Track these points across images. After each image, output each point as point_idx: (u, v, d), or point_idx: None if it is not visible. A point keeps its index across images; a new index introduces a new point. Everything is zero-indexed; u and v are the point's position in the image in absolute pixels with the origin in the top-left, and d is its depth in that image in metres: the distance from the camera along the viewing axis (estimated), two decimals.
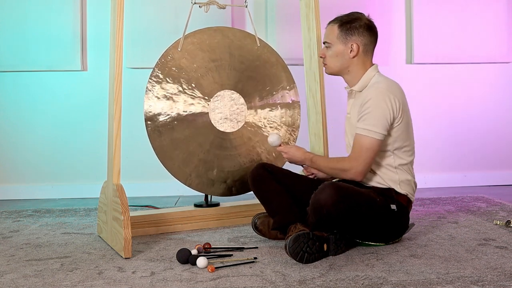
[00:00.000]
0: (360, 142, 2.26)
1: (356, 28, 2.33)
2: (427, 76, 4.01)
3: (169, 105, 2.67)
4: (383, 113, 2.23)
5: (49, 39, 3.73)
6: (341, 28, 2.34)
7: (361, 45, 2.34)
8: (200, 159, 2.73)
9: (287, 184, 2.45)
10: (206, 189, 2.78)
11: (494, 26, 4.00)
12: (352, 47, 2.33)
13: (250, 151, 2.85)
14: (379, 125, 2.23)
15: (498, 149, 4.09)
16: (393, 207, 2.28)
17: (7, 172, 3.82)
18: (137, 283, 1.93)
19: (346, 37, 2.34)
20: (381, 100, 2.24)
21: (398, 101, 2.26)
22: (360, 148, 2.25)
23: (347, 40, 2.34)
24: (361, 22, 2.35)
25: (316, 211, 2.13)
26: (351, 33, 2.33)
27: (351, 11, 2.45)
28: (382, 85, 2.29)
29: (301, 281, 1.92)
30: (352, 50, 2.34)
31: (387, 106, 2.24)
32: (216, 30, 2.83)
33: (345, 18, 2.37)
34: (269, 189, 2.43)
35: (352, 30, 2.33)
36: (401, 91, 2.32)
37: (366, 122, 2.24)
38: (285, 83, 2.94)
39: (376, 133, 2.23)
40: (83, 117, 3.80)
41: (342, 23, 2.35)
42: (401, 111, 2.27)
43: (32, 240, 2.58)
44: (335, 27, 2.36)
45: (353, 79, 2.38)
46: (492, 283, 1.85)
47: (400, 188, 2.32)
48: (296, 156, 2.46)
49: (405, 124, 2.31)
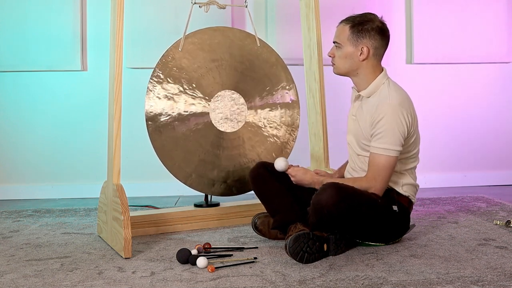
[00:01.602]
0: (377, 162, 2.23)
1: (368, 30, 2.27)
2: (427, 76, 4.01)
3: (170, 105, 2.67)
4: (398, 130, 2.21)
5: (49, 39, 3.73)
6: (353, 30, 2.28)
7: (371, 49, 2.29)
8: (201, 159, 2.73)
9: (288, 183, 2.44)
10: (206, 189, 2.78)
11: (494, 26, 4.00)
12: (363, 50, 2.28)
13: (250, 151, 2.85)
14: (395, 143, 2.21)
15: (498, 149, 4.09)
16: (395, 208, 2.28)
17: (7, 172, 3.82)
18: (137, 283, 1.93)
19: (357, 39, 2.28)
20: (396, 118, 2.21)
21: (410, 115, 2.26)
22: (378, 167, 2.23)
23: (357, 43, 2.28)
24: (374, 24, 2.29)
25: (317, 211, 2.13)
26: (362, 35, 2.28)
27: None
28: (395, 101, 2.24)
29: (301, 281, 1.92)
30: (362, 53, 2.28)
31: (402, 123, 2.22)
32: (216, 30, 2.83)
33: (358, 19, 2.30)
34: (269, 188, 2.43)
35: (363, 33, 2.27)
36: (411, 103, 2.31)
37: (381, 140, 2.21)
38: (284, 83, 2.95)
39: (392, 151, 2.21)
40: (83, 117, 3.80)
41: (354, 24, 2.29)
42: (413, 125, 2.27)
43: (32, 240, 2.58)
44: (346, 28, 2.30)
45: (362, 83, 2.34)
46: (492, 283, 1.85)
47: (402, 190, 2.32)
48: (305, 180, 2.39)
49: (415, 133, 2.32)
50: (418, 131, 2.36)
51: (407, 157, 2.33)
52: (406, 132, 2.24)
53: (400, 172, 2.32)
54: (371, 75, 2.32)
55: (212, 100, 2.76)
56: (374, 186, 2.23)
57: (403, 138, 2.24)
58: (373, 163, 2.24)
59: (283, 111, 2.94)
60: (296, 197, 2.41)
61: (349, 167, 2.46)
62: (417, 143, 2.36)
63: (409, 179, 2.34)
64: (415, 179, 2.38)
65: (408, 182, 2.33)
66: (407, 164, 2.34)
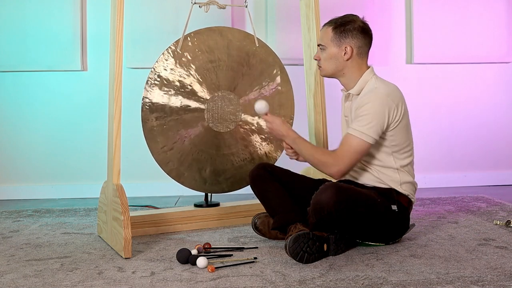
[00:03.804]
0: (350, 142, 2.24)
1: (350, 30, 2.32)
2: (427, 76, 4.01)
3: (166, 105, 2.68)
4: (379, 118, 2.22)
5: (49, 39, 3.73)
6: (335, 31, 2.34)
7: (355, 48, 2.33)
8: (194, 158, 2.74)
9: (287, 183, 2.44)
10: (199, 187, 2.80)
11: (494, 26, 4.00)
12: (346, 49, 2.32)
13: (243, 150, 2.86)
14: (373, 129, 2.22)
15: (498, 149, 4.09)
16: (394, 207, 2.28)
17: (7, 172, 3.82)
18: (137, 283, 1.93)
19: (340, 39, 2.33)
20: (379, 105, 2.23)
21: (397, 108, 2.26)
22: (349, 147, 2.24)
23: (341, 43, 2.33)
24: (355, 24, 2.34)
25: (317, 211, 2.13)
26: (345, 35, 2.32)
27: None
28: (382, 90, 2.27)
29: (301, 281, 1.92)
30: (346, 53, 2.33)
31: (383, 113, 2.23)
32: (215, 30, 2.83)
33: (339, 21, 2.36)
34: (269, 188, 2.43)
35: (346, 33, 2.32)
36: (400, 95, 2.31)
37: (360, 123, 2.23)
38: (281, 83, 2.95)
39: (368, 137, 2.22)
40: (83, 117, 3.80)
41: (336, 26, 2.34)
42: (399, 116, 2.27)
43: (32, 240, 2.58)
44: (329, 30, 2.36)
45: (349, 82, 2.37)
46: (492, 283, 1.86)
47: (401, 189, 2.32)
48: (280, 130, 2.36)
49: (405, 126, 2.31)
50: (409, 124, 2.35)
51: (400, 150, 2.32)
52: (386, 124, 2.24)
53: (397, 169, 2.32)
54: (357, 73, 2.35)
55: (208, 101, 2.76)
56: (337, 166, 2.24)
57: (382, 129, 2.24)
58: (345, 143, 2.26)
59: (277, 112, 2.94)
60: (295, 198, 2.41)
61: None
62: (408, 135, 2.35)
63: (408, 177, 2.34)
64: (413, 176, 2.38)
65: (407, 180, 2.33)
66: (402, 159, 2.33)
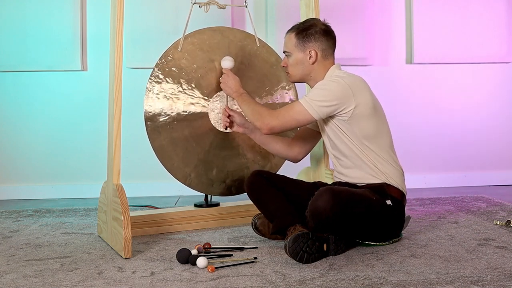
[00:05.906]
0: (294, 106, 2.31)
1: (312, 34, 2.37)
2: (427, 76, 4.01)
3: (169, 105, 2.67)
4: (328, 96, 2.25)
5: (49, 39, 3.73)
6: (298, 36, 2.39)
7: (319, 51, 2.37)
8: (200, 159, 2.74)
9: (284, 189, 2.45)
10: (205, 189, 2.78)
11: (494, 26, 4.00)
12: (311, 53, 2.37)
13: (249, 151, 2.85)
14: (319, 105, 2.25)
15: (498, 149, 4.09)
16: (389, 202, 2.28)
17: (7, 172, 3.82)
18: (137, 283, 1.93)
19: (304, 44, 2.38)
20: (336, 87, 2.26)
21: (353, 94, 2.26)
22: (290, 110, 2.31)
23: (305, 48, 2.38)
24: (317, 28, 2.39)
25: (315, 217, 2.14)
26: (308, 40, 2.37)
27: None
28: (340, 74, 2.33)
29: (301, 281, 1.92)
30: (311, 57, 2.37)
31: (334, 93, 2.25)
32: (216, 30, 2.83)
33: (301, 26, 2.41)
34: (266, 194, 2.43)
35: (308, 37, 2.37)
36: (362, 85, 2.31)
37: (314, 97, 2.27)
38: (284, 83, 2.94)
39: (314, 111, 2.25)
40: (83, 117, 3.80)
41: (298, 31, 2.39)
42: (355, 104, 2.25)
43: (32, 240, 2.58)
44: (292, 36, 2.41)
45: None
46: (492, 283, 1.86)
47: (391, 179, 2.31)
48: (231, 84, 2.53)
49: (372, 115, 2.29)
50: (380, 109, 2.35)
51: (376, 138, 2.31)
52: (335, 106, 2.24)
53: (380, 156, 2.31)
54: (324, 75, 2.39)
55: (211, 100, 2.76)
56: (270, 120, 2.31)
57: (329, 110, 2.25)
58: (290, 105, 2.35)
59: None
60: (293, 203, 2.41)
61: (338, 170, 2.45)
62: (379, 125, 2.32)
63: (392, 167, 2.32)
64: (397, 163, 2.37)
65: (393, 170, 2.32)
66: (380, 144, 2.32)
